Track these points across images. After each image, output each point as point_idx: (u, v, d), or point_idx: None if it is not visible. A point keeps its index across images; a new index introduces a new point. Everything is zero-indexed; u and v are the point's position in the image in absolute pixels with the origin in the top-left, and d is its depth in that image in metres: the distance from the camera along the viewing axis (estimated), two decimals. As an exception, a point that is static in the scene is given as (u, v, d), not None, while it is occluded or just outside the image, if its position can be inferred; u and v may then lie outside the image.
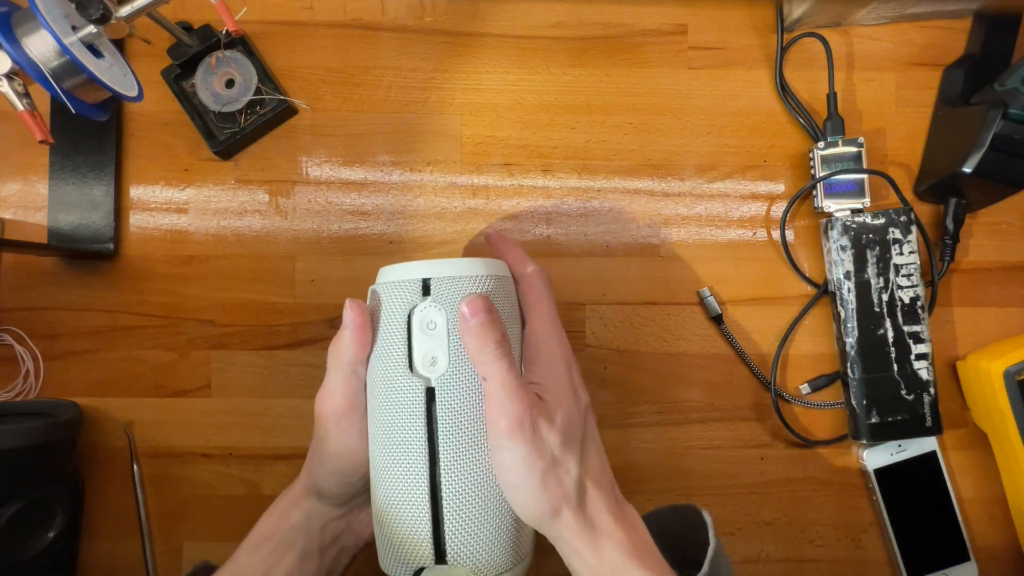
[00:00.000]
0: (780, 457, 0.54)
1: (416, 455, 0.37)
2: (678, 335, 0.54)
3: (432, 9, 0.55)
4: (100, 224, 0.53)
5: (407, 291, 0.38)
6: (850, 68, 0.55)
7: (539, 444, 0.36)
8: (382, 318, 0.39)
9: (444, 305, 0.38)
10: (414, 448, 0.37)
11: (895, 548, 0.52)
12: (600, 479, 0.38)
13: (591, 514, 0.37)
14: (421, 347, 0.38)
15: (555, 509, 0.36)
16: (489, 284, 0.39)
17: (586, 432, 0.39)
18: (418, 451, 0.37)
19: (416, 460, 0.37)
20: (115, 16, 0.41)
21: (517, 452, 0.35)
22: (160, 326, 0.53)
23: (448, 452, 0.37)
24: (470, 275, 0.39)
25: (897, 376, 0.51)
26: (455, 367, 0.37)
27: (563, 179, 0.55)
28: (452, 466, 0.37)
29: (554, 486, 0.36)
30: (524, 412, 0.35)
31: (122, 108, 0.54)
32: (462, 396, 0.37)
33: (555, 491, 0.36)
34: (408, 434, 0.37)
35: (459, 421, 0.37)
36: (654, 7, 0.55)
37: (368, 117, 0.54)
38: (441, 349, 0.37)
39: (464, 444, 0.37)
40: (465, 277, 0.38)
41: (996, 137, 0.48)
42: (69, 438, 0.50)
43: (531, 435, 0.35)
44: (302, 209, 0.54)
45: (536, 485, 0.35)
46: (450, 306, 0.38)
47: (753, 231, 0.55)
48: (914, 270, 0.51)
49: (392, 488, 0.38)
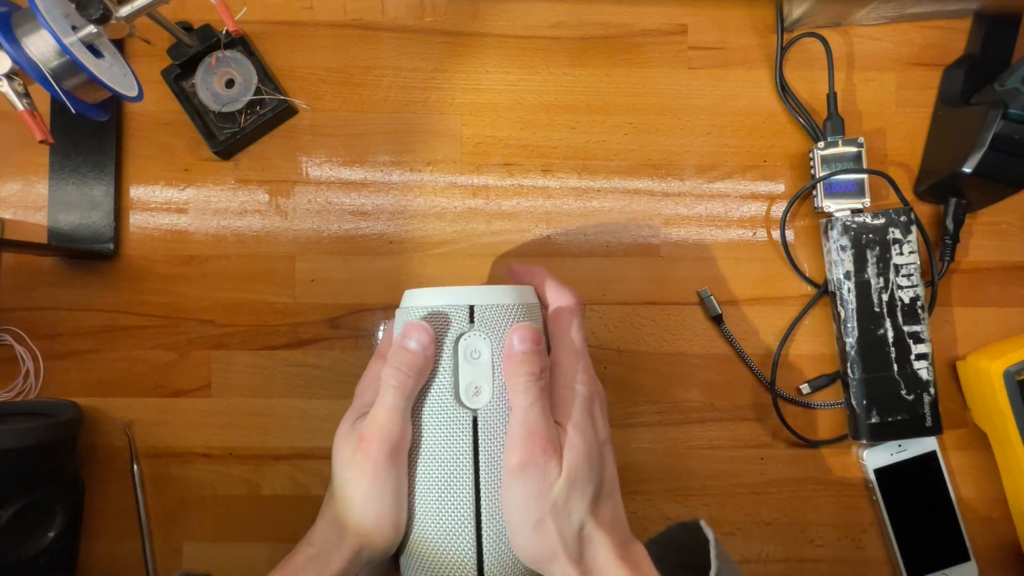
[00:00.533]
0: (780, 457, 0.54)
1: (464, 488, 0.37)
2: (678, 335, 0.54)
3: (432, 9, 0.55)
4: (100, 224, 0.53)
5: (455, 318, 0.38)
6: (850, 68, 0.55)
7: (542, 490, 0.35)
8: None
9: (489, 334, 0.38)
10: (462, 480, 0.37)
11: (895, 548, 0.52)
12: (610, 521, 0.37)
13: (590, 563, 0.36)
14: (466, 377, 0.37)
15: (550, 556, 0.35)
16: (532, 312, 0.39)
17: (603, 470, 0.38)
18: (466, 483, 0.37)
19: (464, 493, 0.37)
20: (115, 16, 0.41)
21: (519, 494, 0.35)
22: (160, 326, 0.53)
23: (489, 483, 0.37)
24: (514, 303, 0.38)
25: (897, 376, 0.51)
26: (498, 397, 0.37)
27: (563, 179, 0.55)
28: (493, 497, 0.37)
29: (550, 534, 0.35)
30: (533, 454, 0.35)
31: (122, 108, 0.54)
32: (504, 427, 0.37)
33: (550, 539, 0.35)
34: (457, 466, 0.37)
35: (500, 450, 0.37)
36: (654, 7, 0.55)
37: (368, 117, 0.54)
38: (485, 379, 0.37)
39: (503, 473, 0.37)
40: (510, 306, 0.38)
41: (996, 137, 0.48)
42: (69, 438, 0.50)
43: (536, 479, 0.35)
44: (302, 209, 0.54)
45: (529, 531, 0.35)
46: (495, 335, 0.38)
47: (753, 231, 0.55)
48: (914, 270, 0.51)
49: (439, 522, 0.37)
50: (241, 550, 0.53)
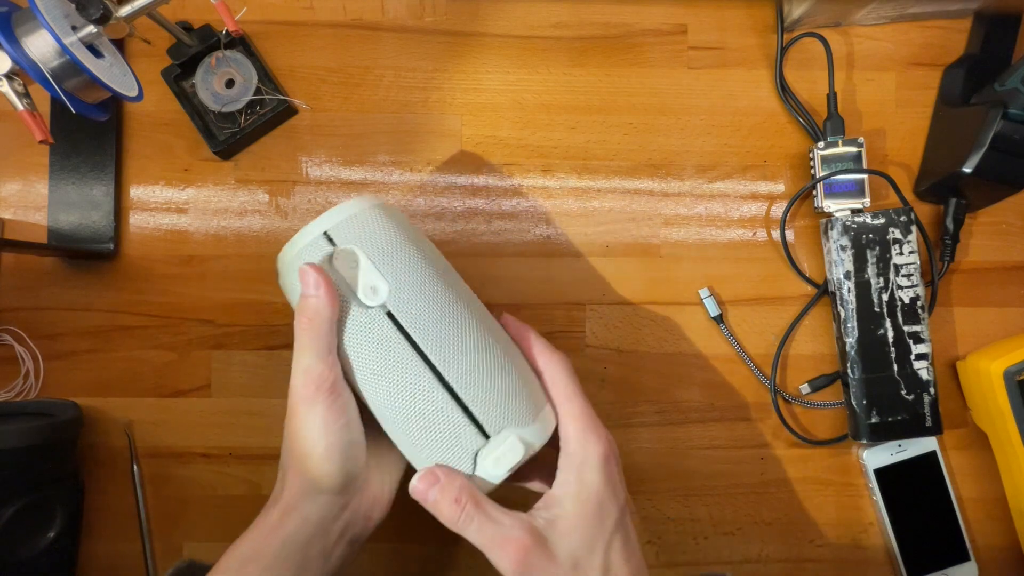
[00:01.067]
0: (780, 457, 0.54)
1: (418, 367, 0.39)
2: (678, 335, 0.54)
3: (432, 9, 0.55)
4: (100, 224, 0.53)
5: (317, 247, 0.40)
6: (850, 68, 0.55)
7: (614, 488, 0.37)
8: None
9: (354, 243, 0.40)
10: (412, 363, 0.39)
11: (895, 548, 0.52)
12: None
13: None
14: (359, 283, 0.39)
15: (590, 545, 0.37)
16: (378, 214, 0.41)
17: (627, 530, 0.38)
18: (416, 364, 0.39)
19: (420, 371, 0.38)
20: (115, 16, 0.41)
21: (600, 476, 0.37)
22: (160, 326, 0.53)
23: (435, 352, 0.39)
24: (356, 212, 0.41)
25: (897, 376, 0.51)
26: (394, 283, 0.39)
27: (563, 179, 0.55)
28: (446, 361, 0.39)
29: (607, 521, 0.37)
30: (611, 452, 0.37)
31: (122, 108, 0.54)
32: (415, 301, 0.39)
33: (605, 526, 0.37)
34: (399, 355, 0.39)
35: (425, 322, 0.39)
36: (654, 7, 0.55)
37: (368, 117, 0.54)
38: (374, 276, 0.39)
39: (441, 338, 0.39)
40: (355, 215, 0.40)
41: (996, 137, 0.48)
42: (69, 438, 0.50)
43: (613, 472, 0.37)
44: (302, 209, 0.54)
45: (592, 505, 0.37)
46: (358, 241, 0.40)
47: (753, 231, 0.55)
48: (914, 270, 0.51)
49: (413, 406, 0.39)
50: (241, 550, 0.53)
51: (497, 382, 0.39)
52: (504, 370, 0.40)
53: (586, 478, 0.38)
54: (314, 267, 0.39)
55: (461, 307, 0.40)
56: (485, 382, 0.39)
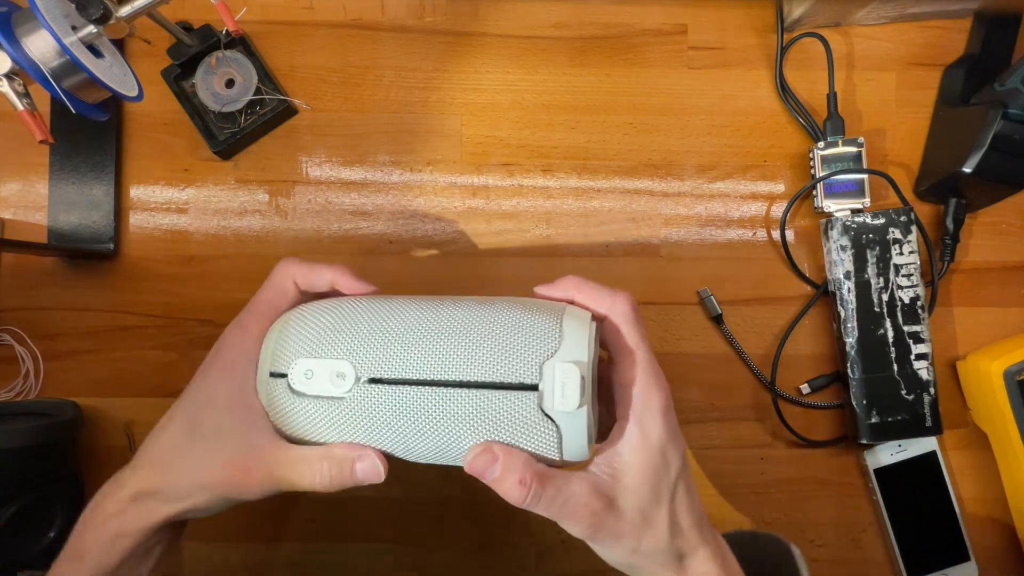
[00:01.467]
0: (780, 457, 0.54)
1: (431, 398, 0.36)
2: (678, 335, 0.54)
3: (432, 9, 0.55)
4: (100, 224, 0.53)
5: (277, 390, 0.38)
6: (850, 68, 0.55)
7: (614, 544, 0.36)
8: None
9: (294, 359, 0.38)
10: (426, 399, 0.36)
11: (895, 548, 0.52)
12: (694, 525, 0.38)
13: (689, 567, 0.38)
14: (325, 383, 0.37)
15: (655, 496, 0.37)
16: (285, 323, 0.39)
17: (688, 478, 0.38)
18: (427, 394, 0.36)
19: (439, 398, 0.36)
20: (115, 16, 0.41)
21: (601, 553, 0.37)
22: (160, 326, 0.53)
23: (424, 368, 0.36)
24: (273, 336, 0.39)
25: (897, 376, 0.51)
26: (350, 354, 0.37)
27: (563, 179, 0.55)
28: (445, 363, 0.36)
29: (646, 562, 0.37)
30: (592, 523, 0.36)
31: (122, 108, 0.54)
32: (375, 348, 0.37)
33: (649, 568, 0.37)
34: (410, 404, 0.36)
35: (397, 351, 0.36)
36: (654, 7, 0.55)
37: (368, 117, 0.54)
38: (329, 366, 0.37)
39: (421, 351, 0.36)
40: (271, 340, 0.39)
41: (996, 137, 0.48)
42: (69, 438, 0.50)
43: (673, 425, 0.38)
44: (302, 209, 0.54)
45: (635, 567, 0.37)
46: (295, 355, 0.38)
47: (753, 231, 0.55)
48: (914, 270, 0.51)
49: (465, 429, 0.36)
50: (241, 550, 0.53)
51: (498, 337, 0.36)
52: (495, 322, 0.36)
53: (648, 429, 0.37)
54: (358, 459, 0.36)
55: (404, 309, 0.37)
56: (485, 347, 0.36)
